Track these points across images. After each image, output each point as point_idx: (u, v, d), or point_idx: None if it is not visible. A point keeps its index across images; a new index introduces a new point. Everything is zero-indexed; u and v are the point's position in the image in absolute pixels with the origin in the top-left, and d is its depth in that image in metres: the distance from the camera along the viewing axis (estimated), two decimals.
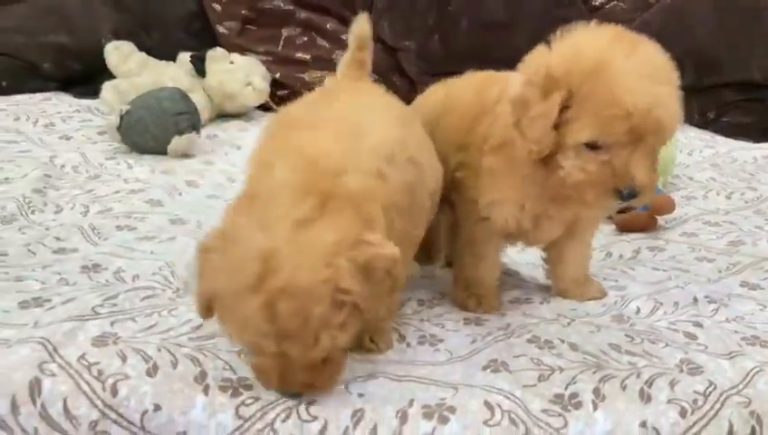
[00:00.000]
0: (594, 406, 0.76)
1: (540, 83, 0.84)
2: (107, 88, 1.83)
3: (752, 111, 1.95)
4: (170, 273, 1.01)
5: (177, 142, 1.62)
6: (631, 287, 1.08)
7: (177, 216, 1.29)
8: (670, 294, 1.03)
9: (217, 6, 2.13)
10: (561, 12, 2.04)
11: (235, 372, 0.79)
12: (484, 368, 0.84)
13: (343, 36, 2.15)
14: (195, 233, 1.22)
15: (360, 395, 0.77)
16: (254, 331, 0.69)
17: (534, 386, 0.79)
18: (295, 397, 0.75)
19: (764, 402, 0.76)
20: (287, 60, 2.12)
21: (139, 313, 0.87)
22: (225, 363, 0.80)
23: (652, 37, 0.87)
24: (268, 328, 0.68)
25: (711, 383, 0.78)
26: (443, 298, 1.06)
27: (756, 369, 0.81)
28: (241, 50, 2.06)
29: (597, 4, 2.15)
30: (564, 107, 0.83)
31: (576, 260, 1.07)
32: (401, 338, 0.92)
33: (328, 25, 2.16)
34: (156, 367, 0.77)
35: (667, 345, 0.87)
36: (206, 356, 0.80)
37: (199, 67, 1.92)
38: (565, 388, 0.79)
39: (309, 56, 2.14)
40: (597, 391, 0.78)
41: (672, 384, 0.78)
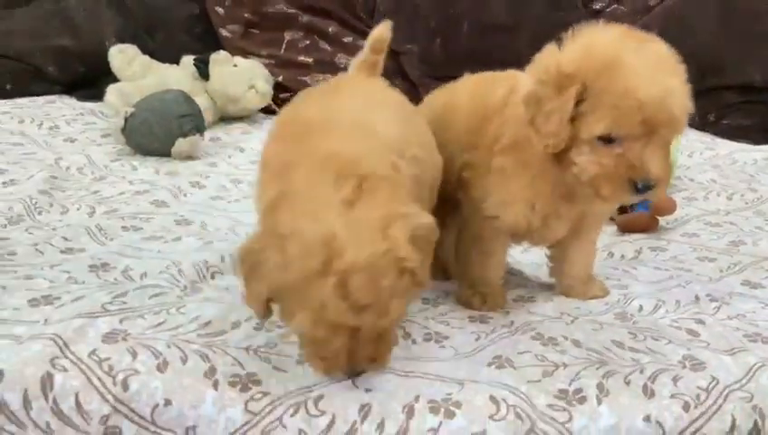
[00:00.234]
0: (598, 401, 0.77)
1: (552, 81, 0.86)
2: (111, 91, 1.84)
3: (752, 114, 1.96)
4: (177, 271, 1.02)
5: (182, 144, 1.63)
6: (634, 286, 1.09)
7: (182, 216, 1.30)
8: (672, 293, 1.04)
9: (220, 10, 2.14)
10: (562, 15, 2.06)
11: (243, 368, 0.80)
12: (489, 364, 0.85)
13: (345, 39, 2.17)
14: (200, 233, 1.24)
15: (368, 390, 0.78)
16: (332, 310, 0.72)
17: (539, 382, 0.80)
18: (359, 375, 0.79)
19: (767, 397, 0.77)
20: (290, 63, 2.13)
21: (147, 310, 0.88)
22: (234, 359, 0.81)
23: (649, 35, 0.89)
24: (344, 305, 0.72)
25: (714, 379, 0.79)
26: (447, 297, 1.07)
27: (759, 364, 0.82)
28: (244, 53, 2.07)
29: (597, 7, 2.17)
30: (578, 101, 0.85)
31: (580, 259, 1.07)
32: (407, 335, 0.93)
33: (330, 29, 2.18)
34: (166, 363, 0.78)
35: (669, 342, 0.88)
36: (214, 352, 0.81)
37: (203, 70, 1.93)
38: (569, 383, 0.80)
39: (311, 59, 2.16)
40: (601, 387, 0.79)
41: (675, 380, 0.80)
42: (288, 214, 0.75)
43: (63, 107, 1.92)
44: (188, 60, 1.97)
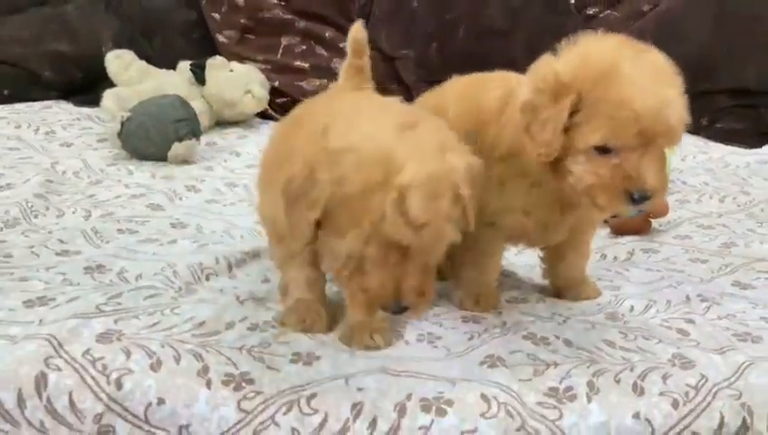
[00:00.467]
0: (588, 398, 0.78)
1: (549, 89, 0.86)
2: (108, 96, 1.85)
3: (745, 118, 1.98)
4: (172, 273, 1.02)
5: (177, 148, 1.64)
6: (625, 287, 1.10)
7: (177, 220, 1.31)
8: (663, 294, 1.05)
9: (217, 15, 2.15)
10: (557, 20, 2.07)
11: (236, 368, 0.80)
12: (481, 363, 0.85)
13: (341, 45, 2.18)
14: (195, 236, 1.24)
15: (360, 389, 0.79)
16: (389, 224, 0.70)
17: (530, 380, 0.81)
18: (403, 312, 0.77)
19: (755, 395, 0.78)
20: (286, 68, 2.15)
21: (142, 311, 0.89)
22: (228, 359, 0.81)
23: (647, 45, 0.90)
24: (402, 221, 0.70)
25: (703, 377, 0.80)
26: (441, 298, 1.08)
27: (748, 363, 0.83)
28: (240, 58, 2.09)
29: (591, 13, 2.18)
30: (574, 111, 0.85)
31: (574, 261, 1.08)
32: (400, 336, 0.93)
33: (326, 34, 2.19)
34: (159, 362, 0.78)
35: (660, 341, 0.89)
36: (208, 352, 0.82)
37: (199, 75, 1.94)
38: (560, 382, 0.80)
39: (307, 64, 2.17)
40: (591, 385, 0.80)
41: (665, 378, 0.80)
42: (341, 134, 0.73)
43: (60, 112, 1.93)
44: (185, 65, 1.98)
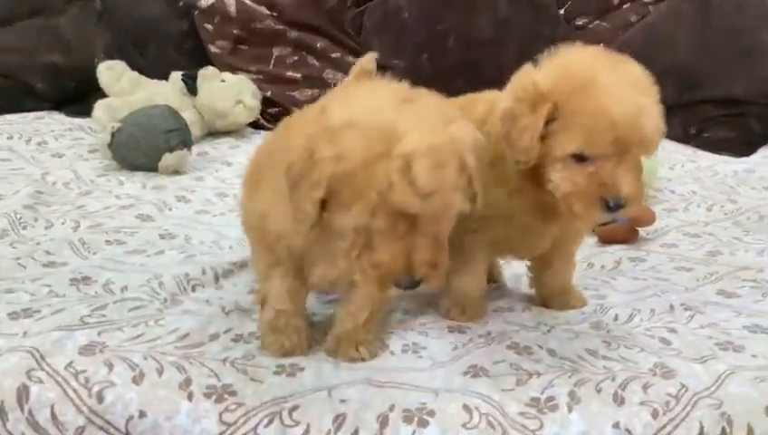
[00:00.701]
0: (569, 408, 0.78)
1: (528, 98, 0.88)
2: (99, 107, 1.86)
3: (733, 127, 1.98)
4: (158, 284, 1.03)
5: (168, 159, 1.64)
6: (611, 296, 1.11)
7: (166, 230, 1.32)
8: (647, 302, 1.05)
9: (209, 26, 2.16)
10: (547, 30, 2.08)
11: (219, 380, 0.81)
12: (465, 373, 0.86)
13: (333, 55, 2.19)
14: (183, 247, 1.25)
15: (343, 401, 0.79)
16: (397, 193, 0.69)
17: (512, 390, 0.81)
18: (415, 287, 0.74)
19: (735, 404, 0.78)
20: (278, 78, 2.15)
21: (126, 323, 0.89)
22: (211, 371, 0.82)
23: (634, 55, 0.91)
24: (409, 189, 0.69)
25: (683, 386, 0.80)
26: (428, 308, 1.08)
27: (728, 372, 0.83)
28: (233, 69, 2.09)
29: (580, 23, 2.19)
30: (551, 119, 0.87)
31: (560, 271, 1.09)
32: (385, 347, 0.94)
33: (318, 45, 2.20)
34: (142, 374, 0.79)
35: (642, 350, 0.89)
36: (191, 364, 0.82)
37: (191, 86, 1.95)
38: (542, 392, 0.81)
39: (299, 75, 2.18)
40: (572, 394, 0.80)
41: (645, 387, 0.81)
42: (340, 111, 0.72)
43: (52, 123, 1.93)
44: (177, 76, 1.99)
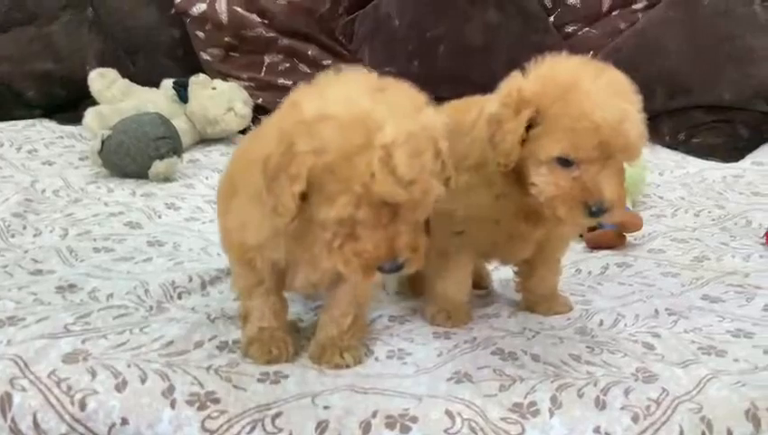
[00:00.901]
0: (551, 413, 0.78)
1: (512, 104, 0.90)
2: (89, 114, 1.86)
3: (721, 133, 1.99)
4: (144, 292, 1.03)
5: (158, 166, 1.65)
6: (597, 301, 1.11)
7: (154, 238, 1.32)
8: (632, 308, 1.06)
9: (201, 34, 2.17)
10: (536, 38, 2.09)
11: (203, 387, 0.81)
12: (449, 379, 0.86)
13: (325, 62, 2.20)
14: (171, 254, 1.25)
15: (326, 407, 0.79)
16: (380, 183, 0.71)
17: (495, 395, 0.82)
18: (400, 270, 0.77)
19: (715, 408, 0.79)
20: (269, 86, 2.16)
21: (110, 330, 0.89)
22: (194, 378, 0.82)
23: (624, 62, 0.94)
24: (391, 178, 0.71)
25: (664, 390, 0.81)
26: (414, 314, 1.08)
27: (709, 376, 0.84)
28: (224, 76, 2.10)
29: (569, 31, 2.20)
30: (534, 124, 0.89)
31: (546, 276, 1.10)
32: (370, 353, 0.94)
33: (309, 52, 2.21)
34: (125, 382, 0.79)
35: (625, 355, 0.90)
36: (174, 372, 0.82)
37: (182, 93, 1.96)
38: (525, 397, 0.81)
39: (291, 82, 2.18)
40: (554, 399, 0.80)
41: (627, 392, 0.81)
42: (313, 103, 0.74)
43: (43, 130, 1.94)
44: (168, 83, 2.00)
